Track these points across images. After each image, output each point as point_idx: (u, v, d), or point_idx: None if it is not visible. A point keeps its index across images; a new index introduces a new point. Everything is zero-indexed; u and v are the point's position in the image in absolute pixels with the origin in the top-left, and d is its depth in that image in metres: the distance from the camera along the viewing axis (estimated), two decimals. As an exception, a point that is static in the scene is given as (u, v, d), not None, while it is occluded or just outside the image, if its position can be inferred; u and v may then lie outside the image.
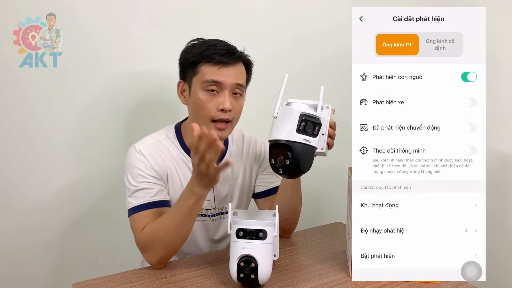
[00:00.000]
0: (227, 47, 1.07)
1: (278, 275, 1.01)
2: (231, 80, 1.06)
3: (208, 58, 1.05)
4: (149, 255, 1.02)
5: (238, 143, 1.23)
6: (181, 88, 1.13)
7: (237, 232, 0.92)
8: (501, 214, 1.55)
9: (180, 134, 1.15)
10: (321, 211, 1.68)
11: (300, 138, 0.91)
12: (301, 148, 0.91)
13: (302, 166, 0.93)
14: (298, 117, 0.91)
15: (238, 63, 1.08)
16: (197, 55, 1.06)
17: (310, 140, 0.92)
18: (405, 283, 0.97)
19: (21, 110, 1.23)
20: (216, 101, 1.05)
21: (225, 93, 1.06)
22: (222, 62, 1.05)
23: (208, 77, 1.05)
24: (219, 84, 1.05)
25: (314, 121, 0.93)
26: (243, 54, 1.11)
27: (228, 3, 1.45)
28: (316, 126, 0.93)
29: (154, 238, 1.00)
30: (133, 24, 1.32)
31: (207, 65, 1.05)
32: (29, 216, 1.28)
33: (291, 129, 0.91)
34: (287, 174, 0.97)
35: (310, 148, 0.93)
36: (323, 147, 1.01)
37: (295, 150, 0.91)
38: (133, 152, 1.09)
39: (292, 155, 0.91)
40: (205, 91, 1.06)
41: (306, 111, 0.93)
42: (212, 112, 1.05)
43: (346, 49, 1.65)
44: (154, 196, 1.05)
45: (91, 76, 1.30)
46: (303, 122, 0.92)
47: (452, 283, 0.97)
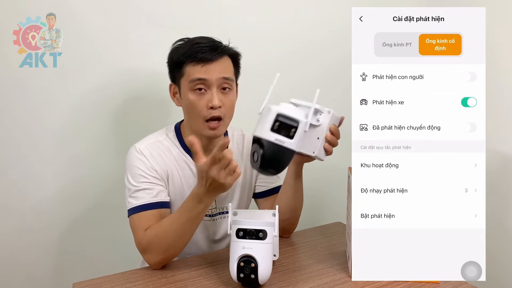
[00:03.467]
0: (210, 43, 1.06)
1: (278, 275, 1.01)
2: (216, 75, 1.05)
3: (191, 58, 1.04)
4: (149, 256, 1.02)
5: (239, 143, 1.23)
6: (173, 90, 1.13)
7: (237, 232, 0.92)
8: (501, 214, 1.55)
9: (180, 134, 1.15)
10: (321, 211, 1.68)
11: (272, 137, 0.90)
12: (271, 147, 0.90)
13: (272, 164, 0.93)
14: (274, 116, 0.91)
15: (222, 57, 1.07)
16: (181, 56, 1.06)
17: (284, 141, 0.90)
18: (405, 283, 0.97)
19: (21, 110, 1.23)
20: (205, 100, 1.05)
21: (213, 90, 1.05)
22: (205, 59, 1.04)
23: (193, 76, 1.04)
24: (205, 82, 1.05)
25: (289, 123, 0.91)
26: (227, 47, 1.09)
27: (228, 3, 1.45)
28: (292, 128, 0.91)
29: (156, 240, 1.00)
30: (133, 24, 1.32)
31: (191, 65, 1.05)
32: (29, 216, 1.28)
33: (265, 127, 0.91)
34: (258, 170, 0.97)
35: (282, 149, 0.91)
36: (315, 151, 1.01)
37: (265, 148, 0.91)
38: (134, 152, 1.09)
39: (263, 152, 0.91)
40: (193, 91, 1.06)
41: (285, 112, 0.91)
42: (203, 112, 1.05)
43: (347, 50, 1.66)
44: (155, 196, 1.05)
45: (91, 76, 1.30)
46: (277, 122, 0.90)
47: (452, 283, 0.97)
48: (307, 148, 1.00)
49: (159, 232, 1.00)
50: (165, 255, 1.02)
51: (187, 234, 1.01)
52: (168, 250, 1.01)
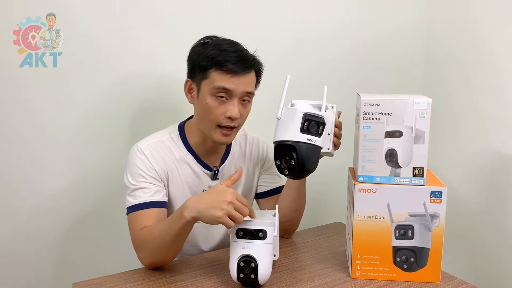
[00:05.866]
0: (239, 55, 1.04)
1: (278, 275, 1.01)
2: (241, 89, 1.04)
3: (219, 66, 1.02)
4: (140, 256, 1.03)
5: (241, 143, 1.23)
6: (189, 86, 1.11)
7: (237, 232, 0.92)
8: (501, 214, 1.55)
9: (183, 134, 1.15)
10: (321, 211, 1.68)
11: (305, 138, 0.90)
12: (306, 148, 0.90)
13: (307, 166, 0.92)
14: (301, 117, 0.91)
15: (250, 72, 1.06)
16: (208, 60, 1.03)
17: (315, 140, 0.91)
18: (405, 283, 0.97)
19: (21, 110, 1.23)
20: (224, 108, 1.04)
21: (234, 101, 1.04)
22: (234, 72, 1.02)
23: (219, 84, 1.02)
24: (228, 92, 1.03)
25: (317, 120, 0.92)
26: (255, 62, 1.08)
27: (230, 4, 1.45)
28: (320, 125, 0.92)
29: (146, 243, 1.00)
30: (133, 24, 1.32)
31: (218, 72, 1.02)
32: (29, 216, 1.27)
33: (295, 129, 0.90)
34: (292, 175, 0.97)
35: (315, 148, 0.92)
36: (329, 147, 1.01)
37: (300, 150, 0.90)
38: (135, 151, 1.09)
39: (297, 155, 0.90)
40: (214, 97, 1.04)
41: (310, 111, 0.92)
42: (219, 118, 1.04)
43: (349, 49, 1.67)
44: (152, 196, 1.05)
45: (91, 76, 1.29)
46: (307, 122, 0.91)
47: (452, 283, 0.97)
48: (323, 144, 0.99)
49: (148, 235, 1.00)
50: (154, 259, 1.02)
51: (171, 245, 0.98)
52: (156, 255, 1.01)
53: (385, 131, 0.98)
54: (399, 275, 1.00)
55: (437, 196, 0.97)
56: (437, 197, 0.97)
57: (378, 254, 1.00)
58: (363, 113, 0.98)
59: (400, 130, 0.97)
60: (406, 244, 0.98)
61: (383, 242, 0.99)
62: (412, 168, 0.98)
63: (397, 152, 0.98)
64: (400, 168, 0.98)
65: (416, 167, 0.98)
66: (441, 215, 0.97)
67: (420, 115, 0.96)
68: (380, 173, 0.99)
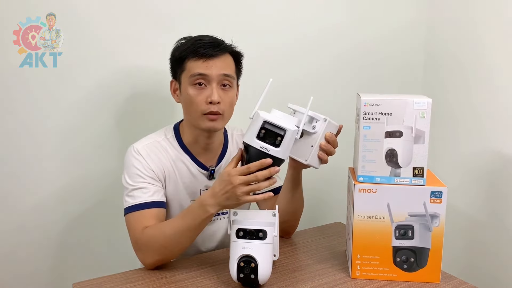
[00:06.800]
0: (212, 40, 1.08)
1: (278, 275, 1.01)
2: (217, 72, 1.05)
3: (193, 53, 1.05)
4: (144, 256, 1.02)
5: (238, 142, 1.23)
6: (174, 87, 1.14)
7: (237, 232, 0.92)
8: (501, 214, 1.55)
9: (178, 134, 1.15)
10: (321, 211, 1.68)
11: (258, 145, 0.90)
12: (256, 154, 0.90)
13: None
14: (260, 124, 0.90)
15: (224, 55, 1.08)
16: (182, 51, 1.07)
17: (269, 149, 0.90)
18: (405, 283, 0.97)
19: (21, 110, 1.23)
20: (204, 94, 1.05)
21: (213, 86, 1.05)
22: (207, 55, 1.05)
23: (194, 71, 1.05)
24: (205, 77, 1.05)
25: (275, 131, 0.90)
26: (229, 45, 1.10)
27: (230, 4, 1.44)
28: (278, 136, 0.90)
29: (154, 241, 1.00)
30: (133, 24, 1.32)
31: (192, 60, 1.06)
32: (29, 215, 1.27)
33: (252, 134, 0.91)
34: None
35: (267, 157, 0.90)
36: (308, 159, 1.01)
37: (250, 154, 0.91)
38: (131, 152, 1.09)
39: (247, 158, 0.92)
40: (193, 86, 1.06)
41: (272, 120, 0.90)
42: (202, 106, 1.05)
43: (349, 49, 1.67)
44: (151, 196, 1.06)
45: (91, 76, 1.29)
46: (263, 130, 0.90)
47: (452, 283, 0.97)
48: (300, 155, 1.01)
49: (158, 233, 1.00)
50: (161, 257, 1.02)
51: (186, 240, 1.01)
52: (165, 253, 1.01)
53: (385, 131, 0.98)
54: (399, 275, 1.00)
55: (437, 196, 0.97)
56: (437, 197, 0.97)
57: (378, 254, 1.00)
58: (363, 113, 0.98)
59: (400, 130, 0.97)
60: (406, 244, 0.98)
61: (383, 242, 0.99)
62: (412, 168, 0.98)
63: (397, 152, 0.98)
64: (400, 168, 0.98)
65: (416, 167, 0.98)
66: (441, 215, 0.97)
67: (420, 115, 0.96)
68: (380, 173, 0.99)
